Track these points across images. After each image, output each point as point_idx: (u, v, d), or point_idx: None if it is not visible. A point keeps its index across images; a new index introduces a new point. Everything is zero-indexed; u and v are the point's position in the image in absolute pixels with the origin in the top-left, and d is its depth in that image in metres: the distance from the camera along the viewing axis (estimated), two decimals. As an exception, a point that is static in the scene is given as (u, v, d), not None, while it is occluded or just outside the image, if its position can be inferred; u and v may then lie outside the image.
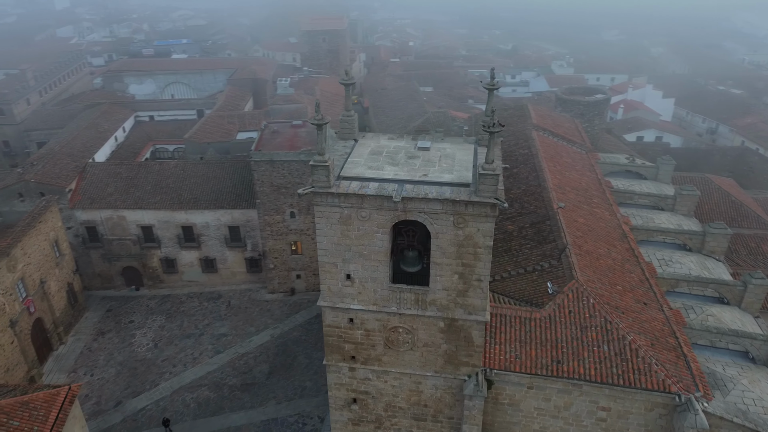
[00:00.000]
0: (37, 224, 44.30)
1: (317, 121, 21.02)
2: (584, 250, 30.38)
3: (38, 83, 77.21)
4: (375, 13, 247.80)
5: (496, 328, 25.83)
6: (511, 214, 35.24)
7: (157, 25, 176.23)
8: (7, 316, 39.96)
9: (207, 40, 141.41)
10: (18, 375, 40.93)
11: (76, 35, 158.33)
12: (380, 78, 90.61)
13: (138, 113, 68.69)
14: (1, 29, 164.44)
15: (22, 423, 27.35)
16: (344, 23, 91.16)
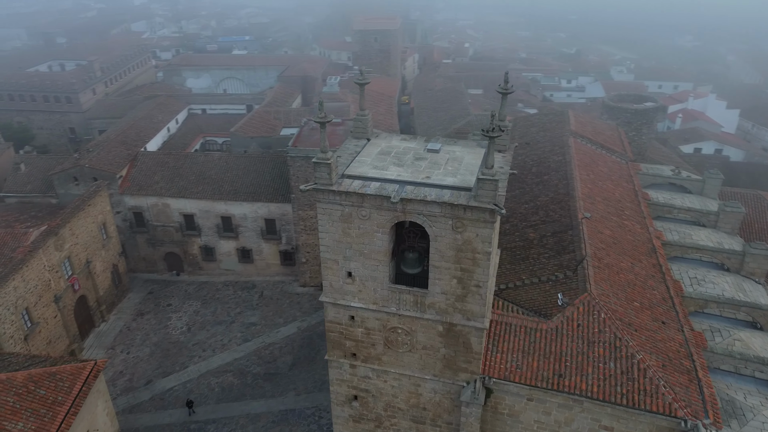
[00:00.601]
0: (86, 207, 47.07)
1: (320, 119, 21.34)
2: (604, 263, 29.35)
3: (104, 74, 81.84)
4: (437, 14, 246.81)
5: (500, 337, 25.41)
6: (535, 221, 34.48)
7: (224, 22, 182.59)
8: (52, 291, 42.72)
9: (268, 38, 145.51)
10: (59, 348, 43.69)
11: (148, 30, 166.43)
12: (430, 79, 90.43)
13: (191, 106, 71.57)
14: (82, 23, 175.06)
15: (48, 392, 29.19)
16: (397, 23, 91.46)
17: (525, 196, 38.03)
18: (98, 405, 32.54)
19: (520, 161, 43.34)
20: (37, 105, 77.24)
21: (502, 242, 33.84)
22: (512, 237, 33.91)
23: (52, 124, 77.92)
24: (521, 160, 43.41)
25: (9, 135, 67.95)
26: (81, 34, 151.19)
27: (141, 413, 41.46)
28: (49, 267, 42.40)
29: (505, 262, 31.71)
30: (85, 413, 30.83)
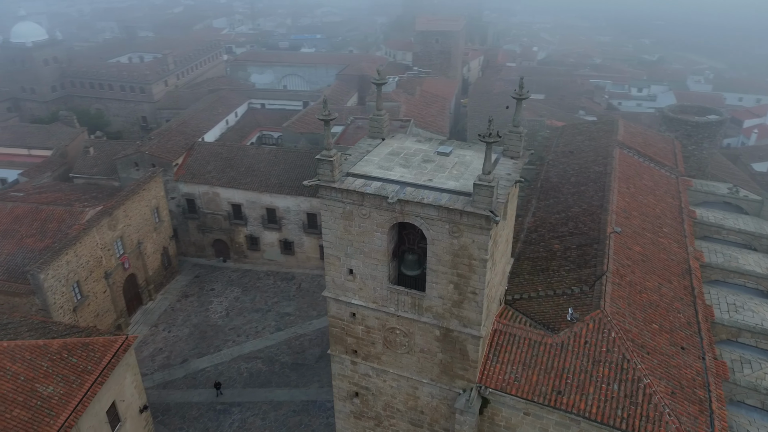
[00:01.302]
0: (140, 191, 50.06)
1: (324, 117, 21.77)
2: (627, 280, 28.06)
3: (177, 67, 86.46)
4: (514, 17, 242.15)
5: (502, 347, 24.92)
6: (563, 233, 33.42)
7: (299, 21, 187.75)
8: (103, 268, 45.80)
9: (338, 36, 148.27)
10: (106, 321, 46.77)
11: (228, 27, 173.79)
12: (491, 82, 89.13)
13: (251, 100, 74.29)
14: (169, 18, 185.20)
15: (79, 360, 31.39)
16: (459, 25, 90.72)
17: (558, 206, 36.92)
18: (126, 377, 34.64)
19: (561, 170, 42.09)
20: (115, 93, 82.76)
21: (525, 252, 33.07)
22: (536, 247, 33.03)
23: (127, 112, 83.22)
24: (561, 169, 42.15)
25: (85, 120, 73.20)
26: (166, 29, 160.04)
27: (173, 389, 43.67)
28: (102, 245, 45.46)
29: (524, 272, 30.96)
30: (112, 383, 32.91)
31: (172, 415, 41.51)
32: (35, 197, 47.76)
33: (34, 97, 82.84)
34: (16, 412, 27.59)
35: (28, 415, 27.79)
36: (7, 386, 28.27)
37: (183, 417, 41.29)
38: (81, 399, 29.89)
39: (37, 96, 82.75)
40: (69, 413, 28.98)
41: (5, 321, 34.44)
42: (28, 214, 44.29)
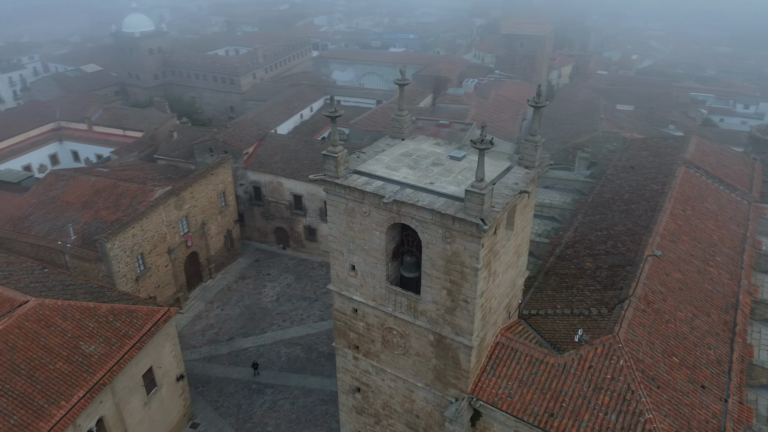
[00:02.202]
0: (208, 175, 53.38)
1: (330, 114, 22.27)
2: (654, 307, 26.20)
3: (266, 61, 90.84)
4: (624, 22, 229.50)
5: (501, 361, 24.24)
6: (599, 251, 31.73)
7: (396, 20, 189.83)
8: (166, 244, 49.41)
9: (430, 37, 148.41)
10: (166, 293, 50.40)
11: (327, 24, 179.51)
12: (576, 89, 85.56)
13: (329, 97, 76.43)
14: (274, 14, 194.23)
15: (122, 325, 34.25)
16: (547, 29, 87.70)
17: (603, 222, 35.05)
18: (165, 346, 37.27)
19: (616, 186, 39.89)
20: (208, 83, 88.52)
21: (556, 267, 31.80)
22: (568, 263, 31.62)
23: (217, 101, 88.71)
24: (617, 185, 39.94)
25: (178, 107, 78.95)
26: (270, 25, 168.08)
27: (216, 364, 46.30)
28: (167, 222, 49.04)
29: (549, 288, 29.80)
30: (150, 350, 35.60)
31: (211, 387, 44.03)
32: (116, 173, 52.41)
33: (139, 83, 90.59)
34: (59, 364, 30.63)
35: (69, 369, 30.76)
36: (56, 341, 31.47)
37: (220, 391, 43.67)
38: (118, 360, 32.61)
39: (141, 82, 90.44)
40: (105, 372, 31.74)
41: (69, 282, 38.25)
42: (106, 188, 48.72)
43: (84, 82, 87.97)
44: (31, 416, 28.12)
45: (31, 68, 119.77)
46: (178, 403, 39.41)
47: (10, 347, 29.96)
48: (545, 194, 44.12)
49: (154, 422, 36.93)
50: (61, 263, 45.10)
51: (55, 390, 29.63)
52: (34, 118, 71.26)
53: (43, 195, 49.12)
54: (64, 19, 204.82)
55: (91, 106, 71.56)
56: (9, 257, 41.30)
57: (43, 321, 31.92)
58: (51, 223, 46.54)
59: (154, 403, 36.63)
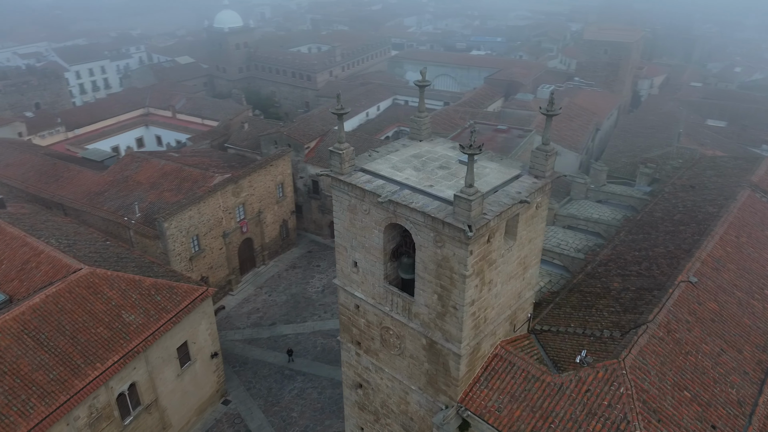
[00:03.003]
0: (268, 166, 55.70)
1: (336, 111, 22.70)
2: (674, 337, 24.43)
3: (343, 60, 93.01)
4: (740, 32, 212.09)
5: (497, 373, 23.63)
6: (630, 272, 29.95)
7: (486, 22, 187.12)
8: (222, 228, 52.15)
9: (517, 41, 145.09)
10: (219, 275, 53.21)
11: (415, 25, 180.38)
12: (663, 101, 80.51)
13: (397, 96, 77.13)
14: (365, 14, 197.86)
15: (162, 299, 36.72)
16: (634, 36, 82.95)
17: (644, 242, 33.02)
18: (201, 324, 39.47)
19: (670, 205, 37.44)
20: (287, 79, 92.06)
21: (582, 284, 30.42)
22: (596, 282, 30.11)
23: (294, 97, 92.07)
24: (671, 204, 37.47)
25: (255, 100, 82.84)
26: (360, 24, 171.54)
27: (255, 347, 48.33)
28: (224, 208, 51.77)
29: (569, 305, 28.57)
30: (186, 325, 37.87)
31: (247, 368, 46.04)
32: (184, 159, 56.00)
33: (225, 76, 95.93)
34: (100, 329, 33.39)
35: (108, 334, 33.46)
36: (100, 307, 34.32)
37: (255, 373, 45.57)
38: (153, 332, 35.02)
39: (226, 75, 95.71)
40: (140, 341, 34.21)
41: (123, 255, 41.48)
42: (172, 171, 52.21)
43: (176, 73, 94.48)
44: (68, 373, 30.90)
45: (137, 58, 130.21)
46: (212, 379, 41.58)
47: (59, 309, 33.03)
48: (594, 209, 42.14)
49: (186, 394, 39.22)
50: (126, 238, 48.91)
51: (93, 352, 32.34)
52: (127, 103, 77.62)
53: (118, 174, 53.49)
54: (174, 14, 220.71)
55: (176, 95, 76.81)
56: (79, 228, 45.41)
57: (92, 288, 34.89)
58: (121, 200, 50.60)
59: (187, 376, 38.92)
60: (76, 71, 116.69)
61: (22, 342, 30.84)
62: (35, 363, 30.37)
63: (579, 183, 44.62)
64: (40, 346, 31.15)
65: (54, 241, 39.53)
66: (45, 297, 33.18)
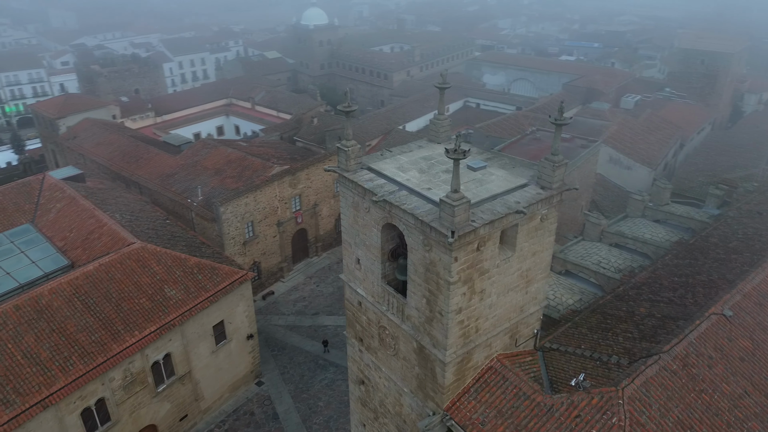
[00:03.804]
0: (326, 161, 57.12)
1: (344, 108, 23.01)
2: (690, 371, 22.52)
3: (422, 60, 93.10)
4: None
5: (488, 386, 22.98)
6: (662, 299, 27.91)
7: (586, 26, 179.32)
8: (277, 217, 54.24)
9: (614, 47, 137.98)
10: (271, 261, 55.40)
11: (509, 27, 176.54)
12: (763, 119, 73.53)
13: (468, 99, 76.16)
14: (459, 15, 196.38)
15: (203, 278, 38.93)
16: (737, 46, 76.04)
17: (687, 269, 30.63)
18: (239, 305, 41.40)
19: (729, 231, 34.47)
20: (365, 77, 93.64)
21: (608, 305, 28.81)
22: (622, 304, 28.34)
23: (371, 95, 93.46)
24: (731, 230, 34.46)
25: (330, 96, 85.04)
26: (452, 24, 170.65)
27: (296, 334, 49.91)
28: (280, 198, 53.82)
29: (587, 325, 27.16)
30: (223, 305, 39.91)
31: (284, 354, 47.69)
32: (250, 148, 58.75)
33: (307, 72, 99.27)
34: (143, 300, 36.03)
35: (150, 305, 36.03)
36: (146, 280, 37.01)
37: (291, 359, 47.10)
38: (190, 308, 37.29)
39: (309, 71, 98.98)
40: (177, 315, 36.55)
41: (177, 234, 44.35)
42: (236, 160, 54.99)
43: (263, 66, 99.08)
44: (108, 337, 33.67)
45: (235, 51, 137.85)
46: (247, 359, 43.49)
47: (109, 278, 36.01)
48: (649, 228, 39.51)
49: (220, 370, 41.33)
50: (189, 218, 52.21)
51: (133, 321, 34.99)
52: (213, 93, 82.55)
53: (189, 159, 57.15)
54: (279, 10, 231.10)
55: (256, 88, 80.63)
56: (145, 206, 49.08)
57: (141, 261, 37.70)
58: (188, 183, 54.05)
59: (221, 354, 41.01)
60: (179, 62, 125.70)
61: (72, 304, 33.98)
62: (80, 324, 33.37)
63: (636, 200, 42.00)
64: (87, 309, 34.16)
65: (118, 216, 43.09)
66: (98, 265, 36.31)
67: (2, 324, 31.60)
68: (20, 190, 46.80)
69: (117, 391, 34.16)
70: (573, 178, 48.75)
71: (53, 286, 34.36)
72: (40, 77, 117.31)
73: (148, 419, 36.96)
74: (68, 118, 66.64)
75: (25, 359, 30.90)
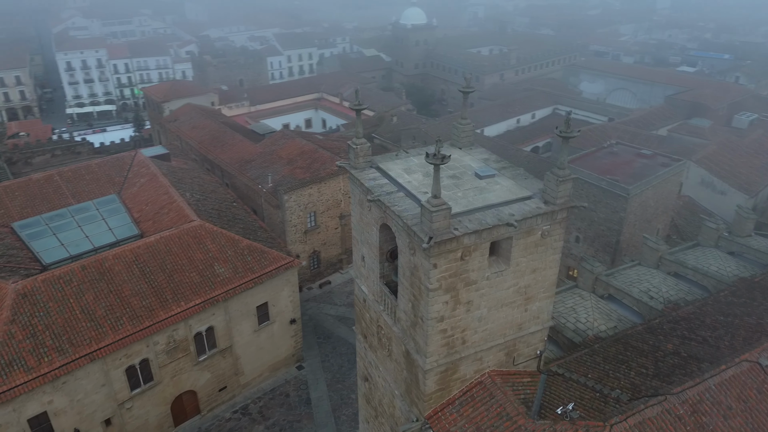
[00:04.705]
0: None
1: (356, 107, 23.27)
2: (699, 419, 20.34)
3: (518, 63, 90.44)
4: None
5: (473, 401, 22.28)
6: (696, 338, 25.37)
7: (719, 36, 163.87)
8: (339, 210, 55.64)
9: (746, 59, 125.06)
10: (331, 252, 56.96)
11: (630, 33, 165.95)
12: None
13: (558, 106, 72.83)
14: (578, 19, 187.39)
15: (251, 260, 41.10)
16: None
17: (738, 308, 27.56)
18: (284, 290, 43.12)
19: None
20: (457, 78, 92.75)
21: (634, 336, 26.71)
22: (650, 337, 26.11)
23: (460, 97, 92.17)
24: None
25: (417, 96, 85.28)
26: (567, 29, 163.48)
27: (343, 325, 51.00)
28: (344, 192, 55.10)
29: (603, 355, 25.39)
30: (268, 288, 41.79)
31: (329, 342, 48.98)
32: (324, 142, 60.67)
33: (401, 70, 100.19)
34: (193, 275, 38.74)
35: (199, 280, 38.67)
36: (199, 256, 39.74)
37: (334, 348, 48.29)
38: (235, 286, 39.51)
39: (403, 69, 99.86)
40: (222, 292, 38.91)
41: (238, 216, 47.00)
42: (308, 151, 57.09)
43: (360, 63, 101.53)
44: (157, 304, 36.66)
45: (341, 48, 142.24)
46: (289, 342, 45.25)
47: (167, 250, 39.10)
48: (718, 260, 35.75)
49: (261, 349, 43.37)
50: (258, 203, 55.13)
51: (182, 292, 37.78)
52: (306, 87, 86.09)
53: (267, 147, 60.23)
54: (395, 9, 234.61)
55: (346, 84, 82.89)
56: (218, 188, 52.52)
57: (197, 238, 40.52)
58: (262, 170, 57.02)
59: (263, 334, 43.01)
60: (288, 56, 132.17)
61: (130, 270, 37.36)
62: (135, 289, 36.62)
63: (709, 227, 38.15)
64: (143, 276, 37.40)
65: (188, 195, 46.55)
66: (159, 238, 39.57)
67: (69, 281, 35.51)
68: (114, 164, 51.99)
69: (160, 355, 37.10)
70: (646, 198, 45.31)
71: (118, 252, 37.99)
72: (165, 64, 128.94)
73: (189, 385, 39.72)
74: (172, 102, 72.81)
75: (82, 314, 34.52)
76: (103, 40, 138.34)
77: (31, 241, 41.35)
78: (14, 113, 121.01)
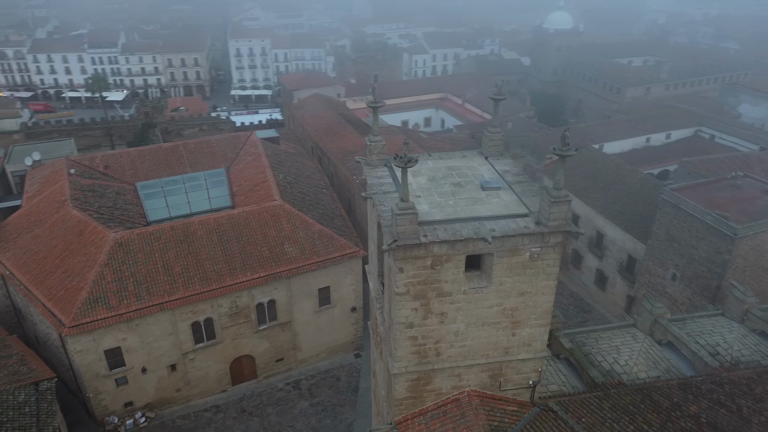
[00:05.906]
0: (493, 165, 55.95)
1: (371, 104, 23.44)
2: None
3: (669, 78, 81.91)
4: None
5: (444, 417, 21.53)
6: (729, 406, 21.71)
7: None
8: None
9: None
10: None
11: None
12: None
13: (701, 128, 64.82)
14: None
15: (320, 244, 43.28)
16: None
17: (806, 382, 22.96)
18: (347, 278, 44.50)
19: None
20: (597, 88, 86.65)
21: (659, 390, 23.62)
22: (677, 394, 22.86)
23: (598, 108, 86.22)
24: None
25: (548, 103, 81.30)
26: (758, 43, 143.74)
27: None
28: (435, 192, 54.87)
29: (610, 400, 22.81)
30: (331, 273, 43.49)
31: (392, 337, 49.45)
32: (424, 140, 60.86)
33: (538, 76, 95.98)
34: (263, 249, 41.65)
35: (267, 254, 41.52)
36: (272, 233, 42.64)
37: (395, 344, 48.65)
38: (298, 266, 41.76)
39: (540, 75, 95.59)
40: (286, 269, 41.39)
41: (320, 202, 49.23)
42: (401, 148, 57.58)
43: (496, 66, 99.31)
44: (226, 270, 40.14)
45: (489, 49, 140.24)
46: (349, 329, 46.67)
47: (245, 224, 42.54)
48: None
49: (320, 331, 45.29)
50: (352, 194, 57.21)
51: (250, 263, 40.92)
52: (433, 86, 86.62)
53: (371, 140, 61.94)
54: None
55: (471, 86, 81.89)
56: (314, 173, 55.44)
57: (275, 217, 43.47)
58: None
59: (323, 316, 44.87)
60: (433, 54, 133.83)
61: (210, 237, 41.32)
62: (209, 254, 40.46)
63: (825, 285, 31.86)
64: (219, 244, 41.14)
65: (280, 177, 49.89)
66: (241, 211, 43.22)
67: (158, 237, 40.35)
68: (231, 141, 57.39)
69: (223, 317, 40.62)
70: (762, 242, 38.99)
71: (203, 218, 42.24)
72: (319, 56, 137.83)
73: (247, 349, 42.94)
74: (302, 90, 78.02)
75: (162, 269, 39.07)
76: (270, 31, 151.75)
77: (145, 200, 47.57)
78: (189, 90, 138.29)
